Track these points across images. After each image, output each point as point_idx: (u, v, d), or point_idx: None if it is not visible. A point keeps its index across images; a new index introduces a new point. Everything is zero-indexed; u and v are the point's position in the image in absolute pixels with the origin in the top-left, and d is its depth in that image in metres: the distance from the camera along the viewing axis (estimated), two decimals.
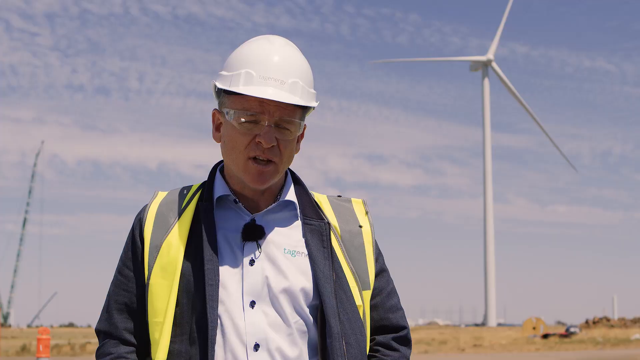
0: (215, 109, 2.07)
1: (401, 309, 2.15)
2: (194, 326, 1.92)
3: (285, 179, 2.09)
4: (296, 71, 1.98)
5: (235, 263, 1.97)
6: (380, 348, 2.09)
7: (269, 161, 1.97)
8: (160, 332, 1.95)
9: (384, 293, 2.12)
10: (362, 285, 2.05)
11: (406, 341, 2.13)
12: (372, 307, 2.09)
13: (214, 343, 1.89)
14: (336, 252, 2.03)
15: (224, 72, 2.01)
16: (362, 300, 2.03)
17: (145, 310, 2.00)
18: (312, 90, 2.02)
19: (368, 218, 2.13)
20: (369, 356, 2.08)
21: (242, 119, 1.95)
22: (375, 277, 2.10)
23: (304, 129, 2.06)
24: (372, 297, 2.09)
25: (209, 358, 1.88)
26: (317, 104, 2.03)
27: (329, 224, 2.05)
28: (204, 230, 1.98)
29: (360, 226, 2.10)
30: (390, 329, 2.12)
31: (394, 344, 2.10)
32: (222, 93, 2.02)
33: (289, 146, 1.99)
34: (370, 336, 2.10)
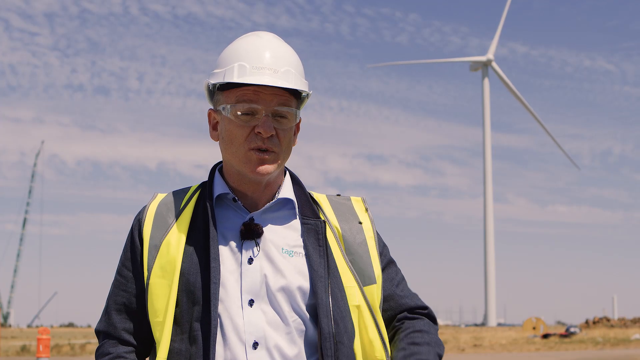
0: (210, 109, 2.08)
1: (415, 294, 2.16)
2: (194, 325, 1.93)
3: (284, 178, 2.10)
4: (287, 61, 2.00)
5: (234, 262, 1.97)
6: (404, 320, 2.09)
7: (269, 151, 1.98)
8: (161, 331, 1.95)
9: (394, 283, 2.12)
10: (367, 280, 2.05)
11: (431, 318, 2.13)
12: (386, 299, 2.10)
13: (215, 342, 1.90)
14: (333, 250, 2.04)
15: (215, 71, 2.03)
16: (363, 297, 2.03)
17: (145, 310, 2.01)
18: (305, 80, 2.04)
19: (368, 214, 2.14)
20: (395, 329, 2.08)
21: (239, 112, 1.97)
22: (383, 270, 2.11)
23: (300, 121, 2.07)
24: (384, 289, 2.09)
25: (210, 357, 1.89)
26: (311, 92, 2.05)
27: (324, 222, 2.05)
28: (203, 229, 1.99)
29: (360, 222, 2.11)
30: (413, 309, 2.13)
31: (416, 314, 2.11)
32: (215, 91, 2.04)
33: (287, 135, 2.01)
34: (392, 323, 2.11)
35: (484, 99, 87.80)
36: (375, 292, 2.06)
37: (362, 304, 2.03)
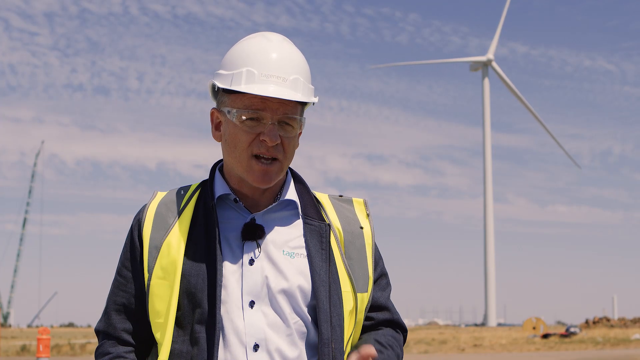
0: (213, 108, 2.06)
1: (398, 312, 2.17)
2: (196, 327, 1.92)
3: (285, 177, 2.09)
4: (296, 68, 1.98)
5: (235, 263, 1.96)
6: (381, 327, 2.12)
7: (273, 159, 1.97)
8: (163, 333, 1.95)
9: (385, 295, 2.13)
10: (361, 287, 2.04)
11: (404, 339, 2.16)
12: (372, 308, 2.10)
13: (217, 344, 1.89)
14: (334, 254, 2.03)
15: (222, 71, 2.00)
16: (356, 303, 2.03)
17: (145, 310, 2.00)
18: (311, 86, 2.03)
19: (369, 220, 2.13)
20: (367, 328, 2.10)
21: (244, 117, 1.95)
22: (376, 281, 2.11)
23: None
24: (373, 299, 2.09)
25: (213, 359, 1.88)
26: (317, 99, 2.03)
27: (329, 225, 2.04)
28: (204, 230, 1.98)
29: (362, 227, 2.10)
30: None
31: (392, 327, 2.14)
32: (220, 92, 2.02)
33: (291, 143, 2.00)
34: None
35: (484, 99, 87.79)
36: (366, 299, 2.06)
37: (354, 309, 2.03)
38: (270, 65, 1.95)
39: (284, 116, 1.95)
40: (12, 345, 35.39)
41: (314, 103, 2.04)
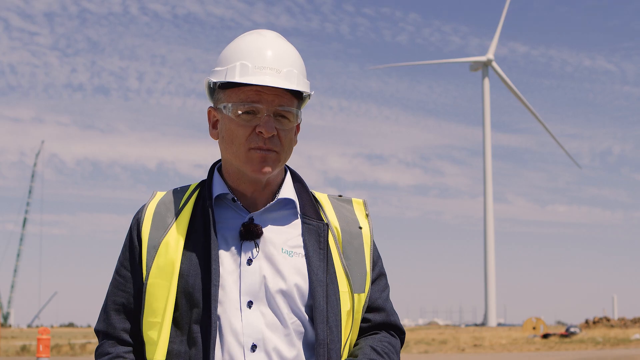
0: (210, 107, 2.07)
1: (396, 313, 2.16)
2: (193, 327, 1.92)
3: (284, 176, 2.09)
4: (290, 61, 1.99)
5: (233, 263, 1.96)
6: (377, 330, 2.10)
7: (270, 150, 1.97)
8: (159, 332, 1.94)
9: (383, 297, 2.12)
10: (358, 287, 2.04)
11: (402, 342, 2.14)
12: (370, 309, 2.09)
13: (214, 344, 1.89)
14: (332, 254, 2.03)
15: (217, 68, 2.01)
16: (353, 303, 2.03)
17: (143, 310, 2.00)
18: (307, 80, 2.04)
19: (368, 221, 2.13)
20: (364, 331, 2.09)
21: (240, 111, 1.96)
22: (374, 281, 2.10)
23: (300, 121, 2.06)
24: (370, 300, 2.08)
25: (210, 359, 1.88)
26: (312, 92, 2.04)
27: (327, 225, 2.04)
28: (202, 230, 1.98)
29: (360, 227, 2.10)
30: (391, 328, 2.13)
31: (391, 332, 2.12)
32: (216, 89, 2.03)
33: (288, 135, 2.00)
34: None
35: (484, 99, 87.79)
36: (363, 300, 2.05)
37: (351, 310, 2.02)
38: (264, 58, 1.96)
39: (279, 108, 1.96)
40: (12, 345, 35.40)
41: (309, 96, 2.05)
